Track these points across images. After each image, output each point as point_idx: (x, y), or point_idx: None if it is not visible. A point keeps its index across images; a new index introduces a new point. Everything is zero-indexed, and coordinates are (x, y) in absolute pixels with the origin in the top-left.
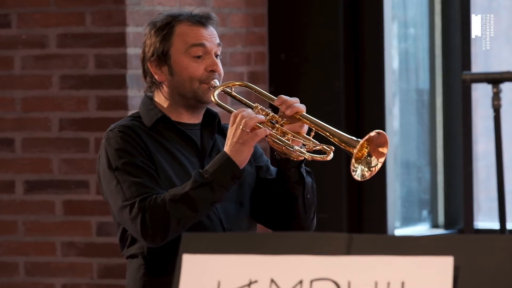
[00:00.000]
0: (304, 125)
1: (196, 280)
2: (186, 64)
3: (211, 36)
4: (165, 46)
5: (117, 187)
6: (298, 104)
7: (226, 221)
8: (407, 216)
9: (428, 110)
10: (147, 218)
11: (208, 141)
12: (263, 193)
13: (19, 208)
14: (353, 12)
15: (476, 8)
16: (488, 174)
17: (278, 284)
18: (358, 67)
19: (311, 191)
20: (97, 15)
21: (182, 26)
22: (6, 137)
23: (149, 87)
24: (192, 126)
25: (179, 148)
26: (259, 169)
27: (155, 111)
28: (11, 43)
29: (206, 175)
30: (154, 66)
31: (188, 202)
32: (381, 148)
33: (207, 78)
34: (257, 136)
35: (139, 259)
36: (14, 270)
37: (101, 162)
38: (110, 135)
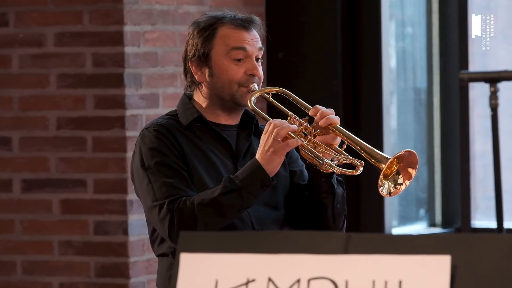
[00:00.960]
0: (337, 137)
1: (194, 279)
2: (226, 66)
3: (253, 40)
4: (206, 47)
5: (148, 186)
6: (333, 116)
7: (257, 223)
8: (405, 215)
9: (426, 109)
10: (175, 220)
11: (244, 143)
12: (295, 198)
13: (17, 207)
14: (351, 11)
15: (474, 8)
16: (485, 173)
17: (276, 283)
18: (356, 66)
19: (341, 201)
20: (95, 14)
21: (225, 29)
22: (3, 136)
23: (189, 86)
24: (228, 127)
25: (213, 149)
26: (293, 174)
27: (192, 111)
28: (9, 41)
29: (236, 181)
30: (194, 66)
31: (216, 207)
32: (411, 168)
33: (246, 82)
34: (288, 146)
35: (169, 258)
36: (11, 269)
37: (135, 160)
38: (145, 133)
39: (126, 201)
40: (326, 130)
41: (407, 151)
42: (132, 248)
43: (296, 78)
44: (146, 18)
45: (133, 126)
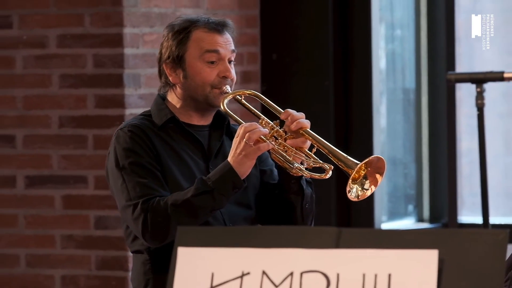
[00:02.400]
0: (307, 141)
1: (191, 272)
2: (200, 69)
3: (226, 43)
4: (180, 50)
5: (123, 186)
6: (303, 120)
7: (229, 221)
8: (394, 211)
9: (414, 109)
10: (149, 220)
11: (215, 143)
12: (266, 197)
13: (20, 202)
14: (342, 13)
15: (461, 11)
16: (471, 170)
17: (270, 276)
18: (347, 67)
19: (310, 201)
20: (96, 17)
21: (199, 32)
22: (7, 134)
23: (163, 86)
24: (201, 128)
25: (186, 149)
26: (263, 173)
27: (166, 111)
28: (13, 43)
29: (209, 182)
30: (169, 68)
31: (188, 208)
32: (378, 174)
33: (219, 84)
34: (259, 150)
35: (144, 255)
36: (15, 262)
37: (110, 159)
38: (120, 133)
39: None
40: (296, 133)
41: (376, 157)
42: None
43: (289, 78)
44: (144, 21)
45: None
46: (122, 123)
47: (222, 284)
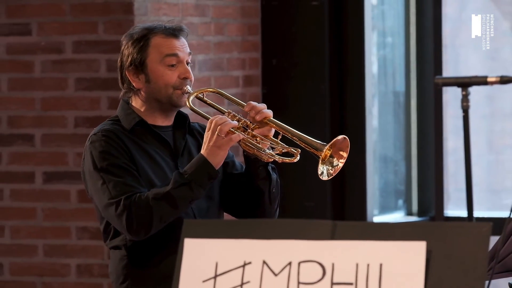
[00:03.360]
0: (272, 129)
1: (196, 262)
2: (162, 72)
3: (182, 46)
4: (142, 56)
5: (103, 186)
6: (266, 110)
7: (199, 214)
8: (385, 205)
9: (404, 110)
10: (132, 215)
11: (180, 142)
12: (230, 186)
13: (39, 196)
14: (337, 22)
15: (447, 20)
16: (456, 168)
17: (270, 265)
18: (342, 72)
19: (276, 185)
20: (108, 24)
21: (157, 38)
22: (27, 133)
23: (126, 92)
24: (165, 128)
25: (156, 149)
26: (226, 165)
27: (133, 115)
28: (32, 49)
29: (186, 175)
30: (131, 74)
31: (169, 200)
32: (342, 151)
33: (180, 84)
34: (231, 141)
35: (122, 251)
36: (33, 252)
37: (86, 162)
38: (94, 138)
39: None
40: (261, 123)
41: (342, 137)
42: None
43: (288, 82)
44: None
45: None
46: (94, 129)
47: (226, 273)
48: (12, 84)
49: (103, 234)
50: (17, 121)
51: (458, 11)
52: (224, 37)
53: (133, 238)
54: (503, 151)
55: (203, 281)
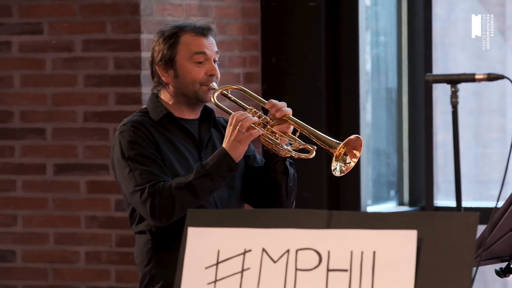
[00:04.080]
0: (290, 126)
1: (199, 249)
2: (189, 68)
3: (210, 45)
4: (171, 52)
5: (130, 174)
6: (286, 107)
7: (220, 203)
8: (377, 195)
9: (396, 106)
10: (156, 202)
11: (205, 134)
12: (250, 179)
13: (50, 187)
14: (333, 22)
15: (437, 20)
16: (445, 160)
17: (269, 253)
18: (337, 69)
19: (293, 180)
20: (116, 24)
21: (187, 36)
22: (39, 127)
23: (155, 86)
24: (191, 121)
25: (181, 141)
26: (247, 158)
27: (161, 108)
28: (43, 47)
29: (207, 167)
30: (161, 69)
31: (191, 189)
32: (355, 150)
33: (206, 81)
34: (251, 136)
35: (146, 235)
36: (45, 240)
37: (115, 151)
38: (123, 128)
39: None
40: (281, 120)
41: (355, 136)
42: None
43: (286, 79)
44: (160, 28)
45: None
46: (123, 120)
47: (227, 260)
48: (24, 80)
49: (129, 220)
50: (29, 116)
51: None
52: (226, 36)
53: (156, 224)
54: (490, 144)
55: (206, 268)
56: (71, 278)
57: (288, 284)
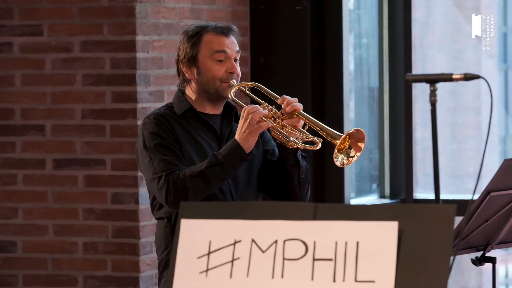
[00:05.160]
0: (300, 120)
1: (192, 240)
2: (211, 66)
3: (231, 44)
4: (194, 51)
5: (149, 163)
6: (297, 103)
7: (236, 193)
8: (360, 188)
9: (377, 104)
10: (171, 189)
11: (226, 129)
12: (268, 172)
13: (49, 181)
14: (318, 25)
15: (416, 23)
16: (424, 155)
17: (258, 243)
18: (322, 69)
19: (305, 172)
20: (113, 26)
21: (209, 36)
22: (38, 124)
23: (181, 82)
24: (214, 116)
25: (202, 134)
26: (266, 152)
27: (185, 103)
28: (43, 48)
29: (219, 156)
30: (185, 67)
31: (203, 177)
32: (360, 143)
33: (226, 78)
34: (261, 128)
35: (165, 221)
36: (44, 231)
37: (139, 142)
38: (147, 121)
39: (137, 177)
40: (291, 114)
41: (356, 129)
42: (142, 215)
43: (274, 78)
44: (154, 30)
45: (143, 116)
46: (148, 112)
47: (218, 250)
48: (25, 79)
49: (151, 206)
50: (29, 113)
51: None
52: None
53: (171, 209)
54: (466, 140)
55: (198, 258)
56: (70, 267)
57: (276, 273)
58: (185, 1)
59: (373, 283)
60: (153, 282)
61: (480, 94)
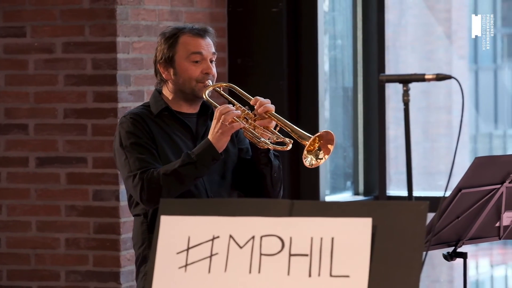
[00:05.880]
0: (272, 121)
1: (171, 236)
2: (187, 67)
3: (207, 46)
4: (171, 52)
5: (125, 161)
6: (269, 104)
7: (210, 190)
8: (335, 186)
9: (352, 104)
10: (145, 187)
11: (201, 127)
12: (242, 169)
13: (32, 179)
14: (294, 26)
15: (389, 25)
16: (397, 153)
17: (235, 239)
18: (298, 69)
19: (277, 171)
20: (94, 28)
21: (185, 37)
22: (22, 123)
23: (158, 83)
24: (190, 115)
25: (177, 133)
26: (240, 151)
27: (161, 102)
28: (26, 49)
29: (192, 156)
30: (162, 67)
31: (177, 176)
32: (329, 145)
33: (202, 79)
34: (233, 128)
35: (141, 217)
36: (27, 227)
37: (116, 140)
38: (124, 120)
39: (118, 175)
40: (263, 115)
41: (325, 131)
42: (122, 211)
43: (251, 78)
44: (134, 31)
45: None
46: (125, 112)
47: (197, 246)
48: (8, 80)
49: (128, 203)
50: (13, 113)
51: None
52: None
53: (146, 207)
54: (437, 139)
55: (177, 253)
56: (52, 263)
57: (253, 268)
58: (165, 3)
59: (348, 278)
60: (133, 277)
61: (451, 94)
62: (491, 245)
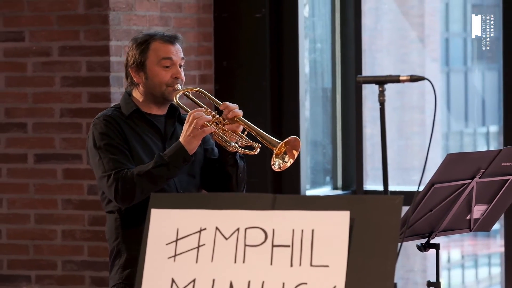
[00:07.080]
0: (240, 126)
1: (161, 228)
2: (158, 72)
3: (177, 52)
4: (142, 57)
5: (99, 161)
6: (237, 109)
7: (180, 188)
8: (315, 180)
9: (331, 104)
10: (119, 187)
11: (170, 128)
12: (208, 169)
13: (31, 174)
14: (276, 31)
15: (366, 29)
16: (373, 150)
17: (221, 231)
18: (280, 71)
19: (242, 171)
20: (88, 33)
21: (156, 43)
22: (21, 122)
23: (129, 85)
24: (159, 116)
25: (148, 134)
26: (206, 151)
27: (132, 104)
28: (25, 52)
29: (165, 157)
30: (133, 71)
31: (149, 177)
32: (295, 150)
33: (172, 83)
34: (204, 133)
35: (115, 214)
36: (26, 220)
37: (89, 141)
38: (97, 121)
39: None
40: (232, 120)
41: (293, 137)
42: None
43: (236, 80)
44: (126, 36)
45: None
46: (98, 114)
47: (185, 237)
48: (8, 81)
49: (100, 199)
50: (12, 112)
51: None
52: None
53: (120, 205)
54: (411, 137)
55: (166, 244)
56: (49, 253)
57: (238, 258)
58: (155, 9)
59: (327, 267)
60: None
61: (424, 94)
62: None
